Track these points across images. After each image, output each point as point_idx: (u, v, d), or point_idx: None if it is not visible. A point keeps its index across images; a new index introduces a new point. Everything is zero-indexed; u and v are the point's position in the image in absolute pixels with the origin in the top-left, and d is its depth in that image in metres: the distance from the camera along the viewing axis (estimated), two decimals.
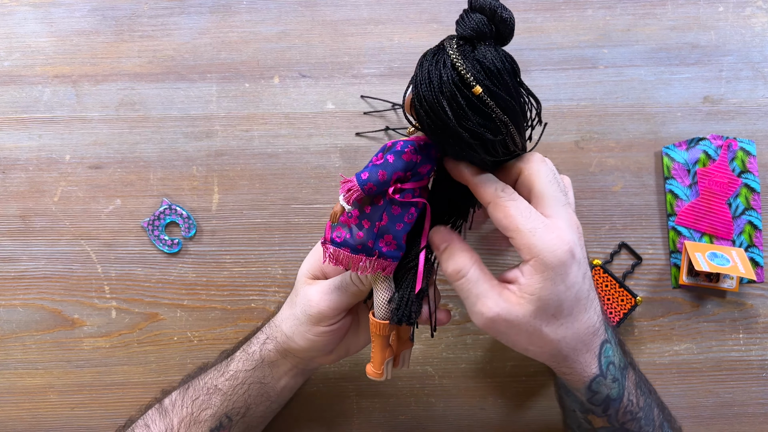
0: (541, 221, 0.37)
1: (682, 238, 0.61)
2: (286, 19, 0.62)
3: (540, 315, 0.37)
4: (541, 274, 0.36)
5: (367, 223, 0.40)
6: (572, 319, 0.38)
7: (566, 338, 0.39)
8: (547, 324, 0.38)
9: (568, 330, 0.38)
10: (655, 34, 0.62)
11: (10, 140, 0.61)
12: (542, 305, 0.37)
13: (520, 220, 0.36)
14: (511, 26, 0.36)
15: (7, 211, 0.61)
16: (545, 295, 0.37)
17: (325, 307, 0.46)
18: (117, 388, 0.62)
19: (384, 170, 0.38)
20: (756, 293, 0.61)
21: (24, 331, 0.61)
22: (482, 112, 0.36)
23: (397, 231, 0.40)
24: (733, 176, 0.60)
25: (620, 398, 0.42)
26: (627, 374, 0.43)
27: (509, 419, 0.62)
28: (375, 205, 0.40)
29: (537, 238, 0.36)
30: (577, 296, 0.38)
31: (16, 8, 0.62)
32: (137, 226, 0.61)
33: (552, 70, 0.62)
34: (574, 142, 0.62)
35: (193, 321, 0.61)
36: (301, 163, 0.61)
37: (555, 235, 0.36)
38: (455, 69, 0.35)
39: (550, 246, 0.36)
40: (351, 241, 0.40)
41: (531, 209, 0.37)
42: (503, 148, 0.38)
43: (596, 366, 0.40)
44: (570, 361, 0.40)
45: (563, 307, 0.37)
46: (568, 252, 0.36)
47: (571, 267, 0.36)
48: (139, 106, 0.61)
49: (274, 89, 0.62)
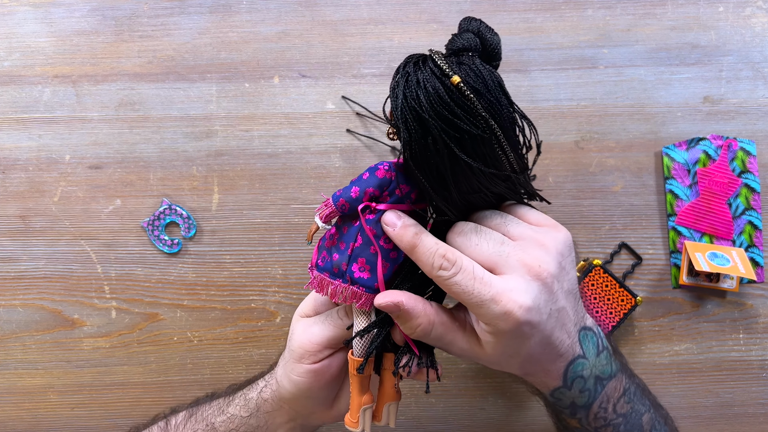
0: (489, 289, 0.36)
1: (682, 238, 0.61)
2: (286, 19, 0.62)
3: (498, 356, 0.39)
4: (496, 336, 0.37)
5: (343, 245, 0.39)
6: (529, 356, 0.39)
7: (523, 367, 0.40)
8: (505, 360, 0.39)
9: (525, 364, 0.40)
10: (655, 34, 0.62)
11: (9, 140, 0.61)
12: (500, 351, 0.38)
13: (466, 296, 0.36)
14: (497, 47, 0.36)
15: (7, 212, 0.61)
16: (501, 347, 0.38)
17: (306, 341, 0.43)
18: (117, 388, 0.62)
19: (357, 186, 0.38)
20: (756, 293, 0.61)
21: (24, 331, 0.61)
22: (462, 104, 0.34)
23: (369, 255, 0.39)
24: (733, 176, 0.60)
25: (589, 406, 0.42)
26: (608, 383, 0.43)
27: (509, 419, 0.62)
28: (351, 225, 0.39)
29: (485, 310, 0.36)
30: (538, 342, 0.38)
31: (16, 8, 0.62)
32: (137, 226, 0.61)
33: (552, 70, 0.62)
34: (574, 142, 0.62)
35: (193, 321, 0.61)
36: (301, 163, 0.61)
37: (502, 306, 0.35)
38: (435, 63, 0.35)
39: (499, 319, 0.36)
40: (328, 265, 0.39)
41: (474, 276, 0.36)
42: (494, 160, 0.36)
43: (559, 380, 0.41)
44: (531, 377, 0.42)
45: (519, 352, 0.38)
46: (519, 320, 0.36)
47: (524, 328, 0.36)
48: (139, 106, 0.61)
49: (274, 89, 0.62)
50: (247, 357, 0.62)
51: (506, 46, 0.61)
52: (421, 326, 0.38)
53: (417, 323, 0.38)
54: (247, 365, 0.62)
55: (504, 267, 0.37)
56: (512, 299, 0.36)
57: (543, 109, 0.61)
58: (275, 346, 0.62)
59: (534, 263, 0.37)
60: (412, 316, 0.38)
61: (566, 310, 0.39)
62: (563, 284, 0.39)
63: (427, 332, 0.39)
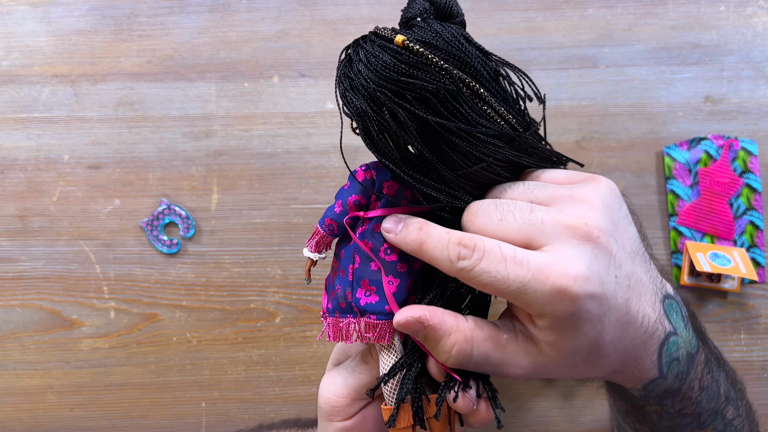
0: (527, 268, 0.28)
1: (683, 239, 0.60)
2: (286, 18, 0.62)
3: (570, 359, 0.30)
4: (557, 329, 0.29)
5: (343, 272, 0.32)
6: (613, 345, 0.30)
7: (609, 363, 0.31)
8: (583, 363, 0.30)
9: (610, 357, 0.31)
10: (656, 34, 0.62)
11: (8, 140, 0.61)
12: (570, 352, 0.30)
13: (501, 285, 0.28)
14: (449, 5, 0.31)
15: (6, 212, 0.61)
16: (569, 345, 0.29)
17: (330, 394, 0.36)
18: (116, 389, 0.61)
19: (339, 199, 0.33)
20: (757, 294, 0.61)
21: (23, 331, 0.61)
22: (414, 61, 0.29)
23: (372, 272, 0.32)
24: (734, 176, 0.60)
25: (678, 390, 0.35)
26: (696, 359, 0.35)
27: (509, 420, 0.62)
28: (346, 246, 0.33)
29: (530, 296, 0.28)
30: (615, 322, 0.30)
31: (15, 7, 0.61)
32: (136, 227, 0.61)
33: (553, 69, 0.61)
34: (575, 141, 0.61)
35: (192, 321, 0.61)
36: (300, 163, 0.61)
37: (551, 284, 0.27)
38: (376, 35, 0.30)
39: (552, 301, 0.28)
40: (335, 303, 0.33)
41: (505, 256, 0.28)
42: (483, 118, 0.30)
43: (655, 370, 0.33)
44: (621, 375, 0.33)
45: (598, 344, 0.30)
46: (578, 295, 0.27)
47: (590, 305, 0.28)
48: (138, 106, 0.61)
49: (273, 89, 0.61)
50: (247, 357, 0.61)
51: (507, 45, 0.61)
52: (457, 345, 0.30)
53: (451, 343, 0.30)
54: (247, 366, 0.62)
55: (540, 237, 0.29)
56: (561, 271, 0.27)
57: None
58: (274, 347, 0.61)
59: (578, 222, 0.29)
60: (442, 333, 0.30)
61: (638, 276, 0.31)
62: (624, 244, 0.31)
63: (467, 353, 0.30)
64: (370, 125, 0.30)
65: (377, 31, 0.31)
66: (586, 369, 0.31)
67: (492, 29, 0.61)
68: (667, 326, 0.32)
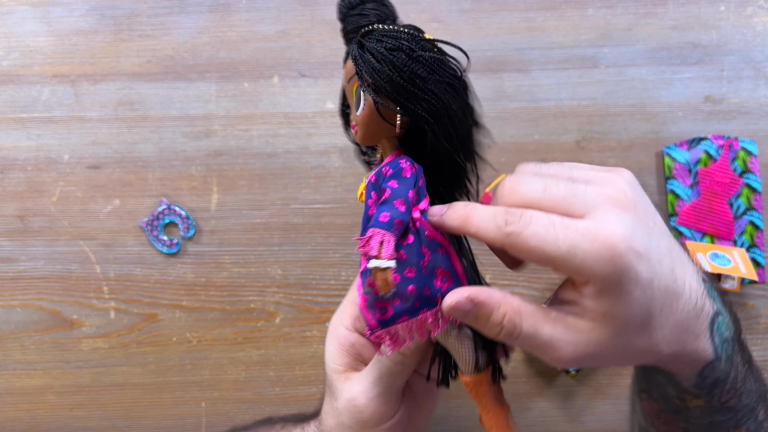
0: (575, 230, 0.28)
1: (683, 239, 0.60)
2: (286, 18, 0.62)
3: (624, 332, 0.30)
4: (607, 295, 0.28)
5: (412, 271, 0.31)
6: (665, 316, 0.30)
7: (666, 338, 0.31)
8: (636, 336, 0.30)
9: (665, 329, 0.30)
10: (657, 34, 0.62)
11: (8, 140, 0.61)
12: (622, 323, 0.29)
13: (550, 247, 0.28)
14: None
15: (6, 211, 0.61)
16: (621, 312, 0.29)
17: (379, 406, 0.37)
18: (116, 389, 0.61)
19: (398, 198, 0.32)
20: (757, 294, 0.61)
21: (22, 331, 0.61)
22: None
23: (443, 259, 0.33)
24: (734, 176, 0.60)
25: (728, 378, 0.35)
26: (736, 346, 0.35)
27: None
28: (407, 246, 0.32)
29: (580, 257, 0.28)
30: (664, 289, 0.29)
31: (15, 7, 0.61)
32: (136, 227, 0.61)
33: (553, 69, 0.61)
34: (575, 141, 0.61)
35: (192, 321, 0.61)
36: (300, 163, 0.61)
37: (600, 242, 0.28)
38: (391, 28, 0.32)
39: (602, 260, 0.28)
40: (404, 305, 0.31)
41: (553, 222, 0.29)
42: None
43: (711, 350, 0.32)
44: (678, 357, 0.32)
45: (651, 309, 0.29)
46: (626, 253, 0.27)
47: (639, 266, 0.28)
48: (138, 106, 0.61)
49: (273, 89, 0.61)
50: (246, 357, 0.61)
51: (507, 45, 0.61)
52: (507, 316, 0.30)
53: (501, 314, 0.30)
54: (247, 366, 0.62)
55: (583, 207, 0.29)
56: (609, 232, 0.28)
57: (544, 108, 0.61)
58: (274, 347, 0.61)
59: (618, 194, 0.30)
60: (491, 307, 0.30)
61: (677, 249, 0.31)
62: (657, 223, 0.31)
63: (517, 324, 0.30)
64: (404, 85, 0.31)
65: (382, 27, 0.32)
66: (641, 345, 0.30)
67: (492, 29, 0.61)
68: (713, 304, 0.32)
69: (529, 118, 0.61)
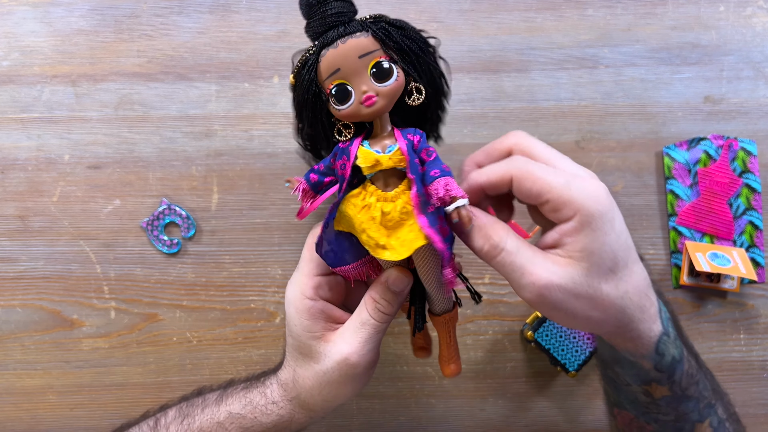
0: (569, 173, 0.35)
1: (682, 239, 0.60)
2: (286, 19, 0.62)
3: (596, 272, 0.34)
4: (588, 227, 0.33)
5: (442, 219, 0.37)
6: (629, 271, 0.35)
7: (629, 293, 0.35)
8: (605, 281, 0.34)
9: (628, 284, 0.35)
10: (656, 34, 0.62)
11: (8, 140, 0.61)
12: (596, 260, 0.34)
13: (551, 178, 0.34)
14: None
15: (6, 211, 0.61)
16: (597, 248, 0.34)
17: (372, 358, 0.41)
18: (116, 389, 0.62)
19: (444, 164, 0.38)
20: (757, 294, 0.61)
21: (23, 331, 0.61)
22: None
23: None
24: (734, 176, 0.60)
25: (683, 359, 0.39)
26: (681, 342, 0.40)
27: (509, 420, 0.62)
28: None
29: (574, 190, 0.34)
30: (627, 243, 0.35)
31: (15, 8, 0.61)
32: (136, 227, 0.61)
33: (552, 69, 0.61)
34: (574, 141, 0.61)
35: (192, 321, 0.61)
36: (300, 163, 0.61)
37: (589, 182, 0.34)
38: None
39: (591, 194, 0.34)
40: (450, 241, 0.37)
41: (549, 168, 0.35)
42: None
43: (659, 323, 0.37)
44: (636, 322, 0.36)
45: (618, 258, 0.34)
46: (608, 197, 0.34)
47: (615, 212, 0.34)
48: (138, 106, 0.61)
49: (273, 89, 0.62)
50: (247, 357, 0.62)
51: (507, 45, 0.61)
52: (496, 233, 0.35)
53: (493, 231, 0.36)
54: (247, 366, 0.62)
55: (567, 165, 0.37)
56: (596, 183, 0.35)
57: (543, 108, 0.61)
58: (275, 347, 0.61)
59: (591, 173, 0.36)
60: (488, 224, 0.36)
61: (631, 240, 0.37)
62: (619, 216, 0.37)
63: (504, 240, 0.35)
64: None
65: None
66: (609, 293, 0.34)
67: (492, 29, 0.61)
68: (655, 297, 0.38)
69: (529, 118, 0.61)
